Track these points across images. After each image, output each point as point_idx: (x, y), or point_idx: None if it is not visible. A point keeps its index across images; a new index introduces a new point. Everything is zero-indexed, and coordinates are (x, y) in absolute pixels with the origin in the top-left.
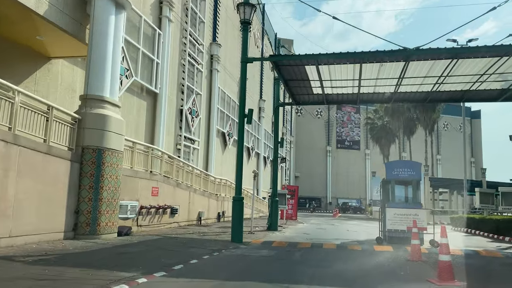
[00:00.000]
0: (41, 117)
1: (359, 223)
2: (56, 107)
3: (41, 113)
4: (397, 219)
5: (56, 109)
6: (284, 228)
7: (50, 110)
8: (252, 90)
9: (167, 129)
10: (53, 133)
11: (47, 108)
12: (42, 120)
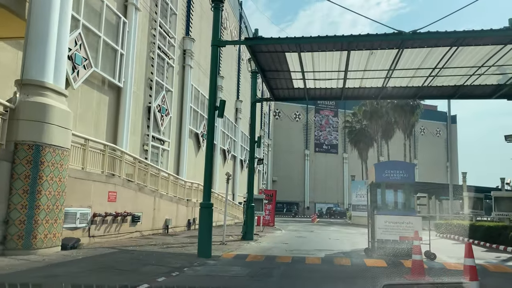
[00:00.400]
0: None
1: (339, 229)
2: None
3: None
4: (388, 227)
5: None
6: (260, 237)
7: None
8: (228, 90)
9: (132, 127)
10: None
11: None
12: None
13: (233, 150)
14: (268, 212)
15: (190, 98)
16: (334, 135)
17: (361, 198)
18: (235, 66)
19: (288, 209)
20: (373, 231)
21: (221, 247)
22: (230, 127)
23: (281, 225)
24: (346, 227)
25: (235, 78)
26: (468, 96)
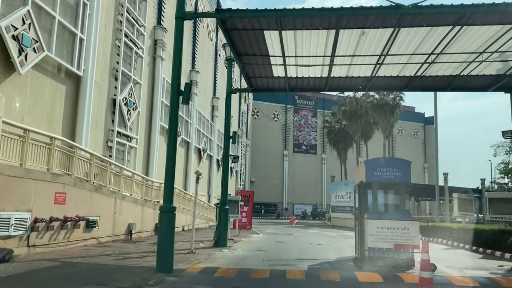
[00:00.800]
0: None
1: (319, 231)
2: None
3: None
4: (381, 234)
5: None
6: (235, 243)
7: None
8: (204, 86)
9: (94, 121)
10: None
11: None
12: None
13: (209, 149)
14: (245, 215)
15: (162, 92)
16: (313, 136)
17: (341, 199)
18: (211, 62)
19: (266, 211)
20: (363, 238)
21: (188, 257)
22: (206, 125)
23: (259, 228)
24: (326, 229)
25: (211, 74)
26: (462, 88)
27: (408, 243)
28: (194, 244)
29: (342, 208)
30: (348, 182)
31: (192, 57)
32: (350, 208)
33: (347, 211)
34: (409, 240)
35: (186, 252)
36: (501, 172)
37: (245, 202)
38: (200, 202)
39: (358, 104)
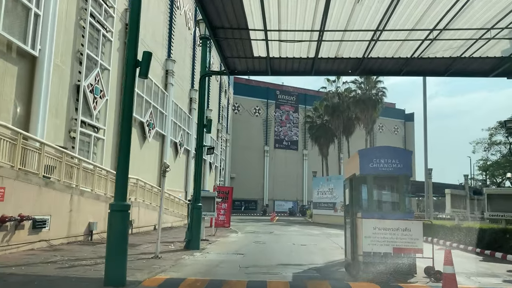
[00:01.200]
0: None
1: (301, 229)
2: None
3: None
4: (378, 236)
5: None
6: (210, 244)
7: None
8: (181, 77)
9: (53, 108)
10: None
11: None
12: None
13: (187, 144)
14: (223, 212)
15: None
16: (295, 131)
17: (323, 195)
18: (189, 51)
19: (246, 207)
20: (355, 240)
21: (151, 264)
22: (183, 118)
23: (238, 226)
24: (308, 226)
25: (189, 64)
26: (461, 72)
27: (410, 247)
28: (163, 247)
29: (324, 205)
30: (330, 178)
31: (168, 46)
32: (333, 204)
33: (329, 207)
34: (411, 243)
35: (151, 257)
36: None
37: (224, 198)
38: (175, 199)
39: (340, 99)
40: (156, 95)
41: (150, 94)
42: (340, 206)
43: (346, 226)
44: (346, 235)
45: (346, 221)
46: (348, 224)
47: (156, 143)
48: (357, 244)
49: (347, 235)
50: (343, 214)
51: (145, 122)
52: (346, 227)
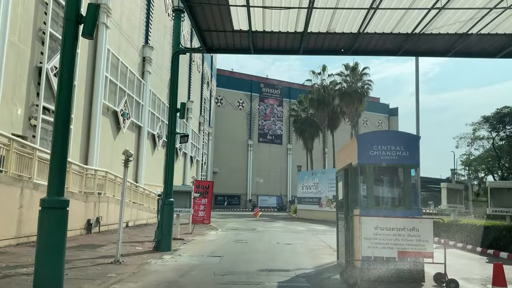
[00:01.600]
0: None
1: (285, 225)
2: None
3: None
4: (380, 237)
5: None
6: (185, 244)
7: None
8: (160, 65)
9: (11, 92)
10: None
11: None
12: None
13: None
14: (203, 208)
15: (106, 66)
16: (279, 125)
17: (308, 190)
18: (169, 38)
19: (229, 203)
20: (352, 242)
21: (108, 271)
22: (162, 108)
23: (219, 222)
24: (292, 222)
25: (168, 52)
26: (466, 52)
27: (418, 250)
28: (129, 248)
29: (309, 200)
30: (315, 172)
31: (145, 32)
32: (318, 199)
33: (314, 202)
34: (419, 245)
35: (110, 262)
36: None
37: (203, 193)
38: (151, 194)
39: (325, 92)
40: (132, 83)
41: (125, 81)
42: (325, 201)
43: (338, 224)
44: (339, 235)
45: (338, 218)
46: (342, 222)
47: (131, 135)
48: (354, 247)
49: (339, 234)
50: (335, 211)
51: (119, 112)
52: (338, 226)
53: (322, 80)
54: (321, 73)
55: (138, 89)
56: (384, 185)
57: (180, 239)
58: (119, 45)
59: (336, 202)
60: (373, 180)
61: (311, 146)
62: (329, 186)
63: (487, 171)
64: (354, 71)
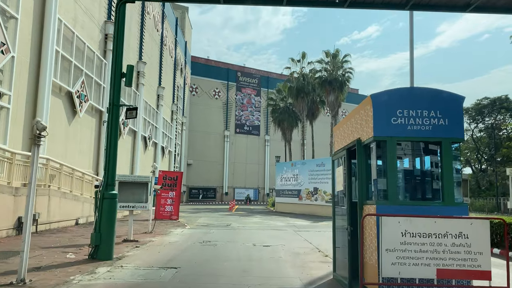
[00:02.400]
0: None
1: (263, 220)
2: None
3: None
4: (410, 248)
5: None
6: (136, 248)
7: None
8: (126, 47)
9: None
10: None
11: None
12: None
13: (133, 124)
14: (171, 202)
15: (57, 40)
16: (256, 116)
17: (287, 182)
18: (136, 17)
19: (204, 196)
20: (363, 255)
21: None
22: (128, 93)
23: (190, 217)
24: (270, 216)
25: (137, 32)
26: (490, 7)
27: (468, 268)
28: (58, 256)
29: (288, 192)
30: (295, 163)
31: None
32: (297, 192)
33: (293, 195)
34: (469, 260)
35: (9, 283)
36: None
37: (171, 185)
38: None
39: (305, 80)
40: (91, 62)
41: (82, 59)
42: (305, 194)
43: (335, 225)
44: (337, 239)
45: (335, 216)
46: (342, 222)
47: (91, 120)
48: (366, 262)
49: (339, 239)
50: (331, 205)
51: (74, 93)
52: (336, 227)
53: (301, 68)
54: (300, 60)
55: (99, 69)
56: (412, 170)
57: (134, 240)
58: (75, 16)
59: (333, 194)
60: (395, 162)
61: (290, 137)
62: (309, 177)
63: (465, 163)
64: (335, 58)
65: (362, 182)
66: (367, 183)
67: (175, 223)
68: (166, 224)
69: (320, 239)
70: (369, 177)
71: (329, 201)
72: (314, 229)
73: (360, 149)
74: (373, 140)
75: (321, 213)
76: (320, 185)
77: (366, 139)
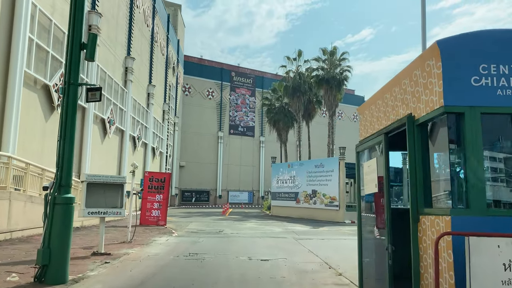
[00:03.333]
0: None
1: (258, 225)
2: None
3: None
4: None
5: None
6: (104, 265)
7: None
8: (113, 39)
9: None
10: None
11: None
12: None
13: (120, 121)
14: (158, 206)
15: (30, 26)
16: (251, 117)
17: (283, 184)
18: (124, 9)
19: (197, 199)
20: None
21: None
22: (115, 89)
23: (180, 223)
24: (266, 221)
25: (124, 25)
26: None
27: None
28: None
29: (285, 195)
30: (292, 164)
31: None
32: (294, 195)
33: (290, 198)
34: None
35: None
36: None
37: (158, 188)
38: None
39: (301, 79)
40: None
41: (58, 46)
42: (303, 197)
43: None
44: (366, 261)
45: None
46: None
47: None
48: None
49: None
50: (356, 212)
51: (51, 86)
52: (363, 244)
53: (297, 66)
54: (296, 58)
55: (82, 62)
56: (503, 160)
57: (105, 254)
58: (53, 4)
59: (358, 199)
60: (481, 146)
61: (286, 138)
62: (307, 179)
63: None
64: (332, 56)
65: (418, 180)
66: (425, 182)
67: (161, 230)
68: (150, 231)
69: (327, 250)
70: (426, 172)
71: (328, 205)
72: (316, 236)
73: (413, 130)
74: (442, 113)
75: (320, 217)
76: (319, 188)
77: (425, 114)
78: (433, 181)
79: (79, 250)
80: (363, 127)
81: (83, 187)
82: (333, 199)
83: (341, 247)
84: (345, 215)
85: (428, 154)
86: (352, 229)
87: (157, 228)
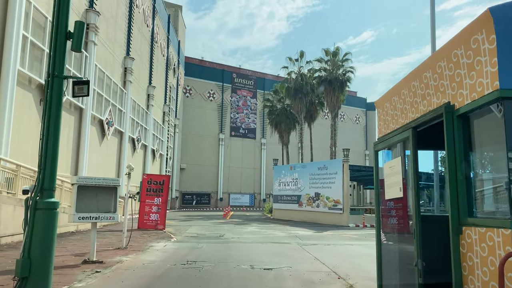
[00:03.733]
0: None
1: (260, 229)
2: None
3: None
4: None
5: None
6: (95, 274)
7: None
8: (111, 39)
9: None
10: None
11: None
12: None
13: (119, 123)
14: (157, 209)
15: (24, 22)
16: (252, 118)
17: (285, 186)
18: (123, 9)
19: (198, 201)
20: None
21: None
22: (113, 89)
23: (179, 226)
24: (268, 224)
25: (123, 26)
26: None
27: None
28: None
29: (287, 198)
30: (294, 166)
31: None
32: (297, 198)
33: (292, 201)
34: None
35: None
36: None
37: (157, 190)
38: None
39: (303, 80)
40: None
41: None
42: (306, 199)
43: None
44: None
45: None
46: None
47: (69, 118)
48: None
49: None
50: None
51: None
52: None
53: (299, 67)
54: (298, 59)
55: (79, 62)
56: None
57: (97, 262)
58: (49, 1)
59: (377, 204)
60: None
61: (287, 140)
62: (310, 182)
63: None
64: (335, 57)
65: (459, 184)
66: (469, 187)
67: (160, 234)
68: (148, 236)
69: (333, 258)
70: (469, 174)
71: (332, 208)
72: (321, 242)
73: (453, 122)
74: (495, 99)
75: (323, 221)
76: (322, 190)
77: (470, 102)
78: (479, 185)
79: (69, 258)
80: (382, 122)
81: (73, 190)
82: (336, 202)
83: (348, 254)
84: (349, 218)
85: (473, 152)
86: (357, 233)
87: (156, 233)
